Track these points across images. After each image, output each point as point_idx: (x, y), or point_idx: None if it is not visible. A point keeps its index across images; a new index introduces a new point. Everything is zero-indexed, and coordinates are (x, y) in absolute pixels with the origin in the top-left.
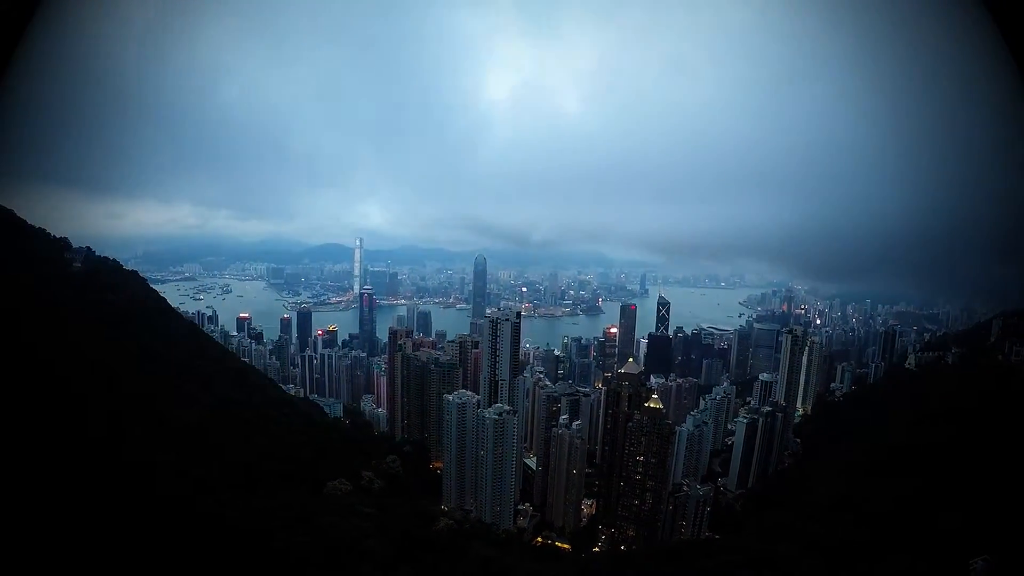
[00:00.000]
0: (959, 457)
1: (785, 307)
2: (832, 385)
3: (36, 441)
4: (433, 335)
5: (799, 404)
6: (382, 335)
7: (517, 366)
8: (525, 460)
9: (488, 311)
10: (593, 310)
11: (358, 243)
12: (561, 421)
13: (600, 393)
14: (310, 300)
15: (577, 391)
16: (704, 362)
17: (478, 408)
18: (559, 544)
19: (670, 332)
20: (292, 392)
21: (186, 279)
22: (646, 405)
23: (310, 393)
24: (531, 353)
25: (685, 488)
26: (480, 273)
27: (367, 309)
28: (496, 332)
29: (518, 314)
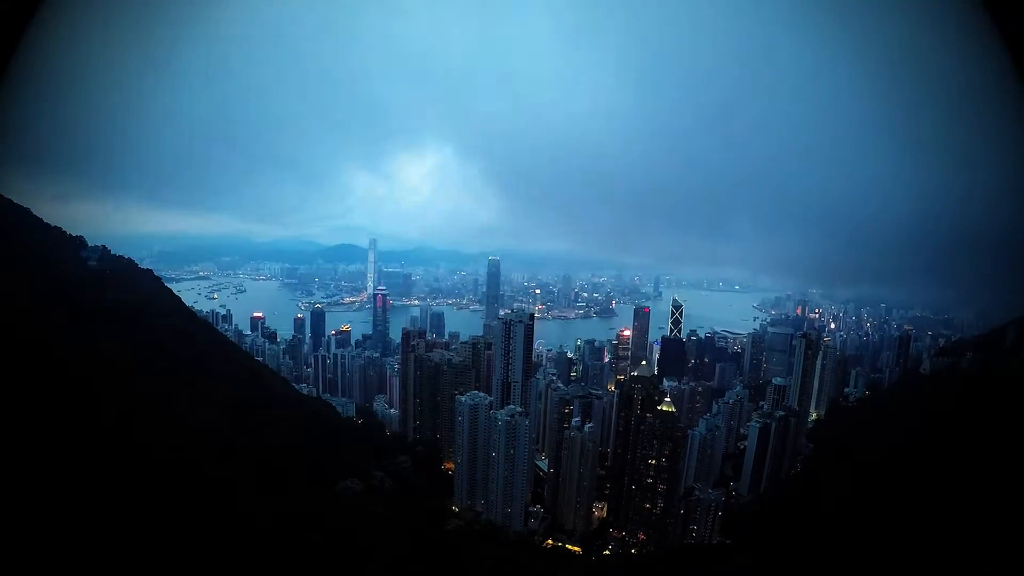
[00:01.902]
0: (971, 464)
1: (799, 311)
2: (846, 390)
3: (50, 439)
4: (446, 336)
5: (812, 409)
6: (395, 336)
7: (530, 368)
8: (537, 462)
9: (501, 312)
10: (606, 312)
11: (372, 244)
12: (573, 423)
13: (613, 396)
14: (324, 300)
15: (590, 393)
16: (717, 365)
17: (490, 409)
18: (569, 547)
19: (683, 335)
20: (305, 391)
21: (200, 278)
22: (659, 408)
23: (323, 393)
24: (544, 355)
25: (697, 492)
26: (493, 275)
27: (380, 309)
28: (509, 334)
29: (531, 316)
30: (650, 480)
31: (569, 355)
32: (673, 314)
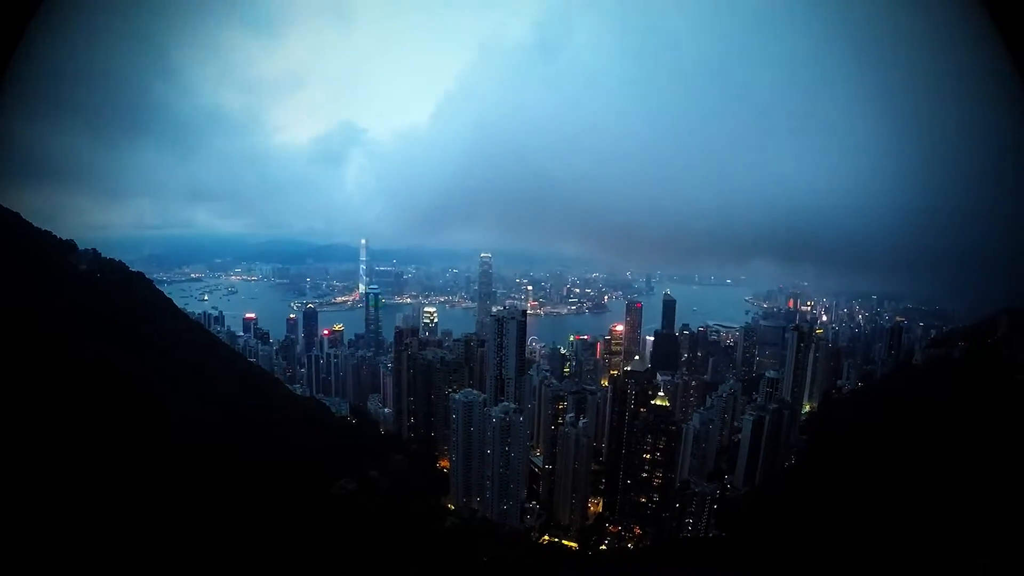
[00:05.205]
0: (964, 454)
1: (791, 304)
2: (839, 382)
3: (45, 442)
4: (439, 334)
5: (806, 401)
6: (388, 334)
7: (523, 364)
8: (531, 458)
9: (494, 309)
10: (599, 308)
11: (363, 243)
12: (567, 419)
13: (606, 391)
14: (316, 300)
15: (583, 389)
16: (710, 359)
17: (484, 407)
18: (566, 542)
19: (676, 329)
20: (299, 392)
21: (192, 280)
22: (652, 403)
23: (316, 392)
24: (537, 351)
25: (692, 485)
26: (485, 272)
27: (373, 308)
28: (502, 330)
29: (523, 312)
30: (645, 474)
31: (562, 351)
32: (665, 308)
